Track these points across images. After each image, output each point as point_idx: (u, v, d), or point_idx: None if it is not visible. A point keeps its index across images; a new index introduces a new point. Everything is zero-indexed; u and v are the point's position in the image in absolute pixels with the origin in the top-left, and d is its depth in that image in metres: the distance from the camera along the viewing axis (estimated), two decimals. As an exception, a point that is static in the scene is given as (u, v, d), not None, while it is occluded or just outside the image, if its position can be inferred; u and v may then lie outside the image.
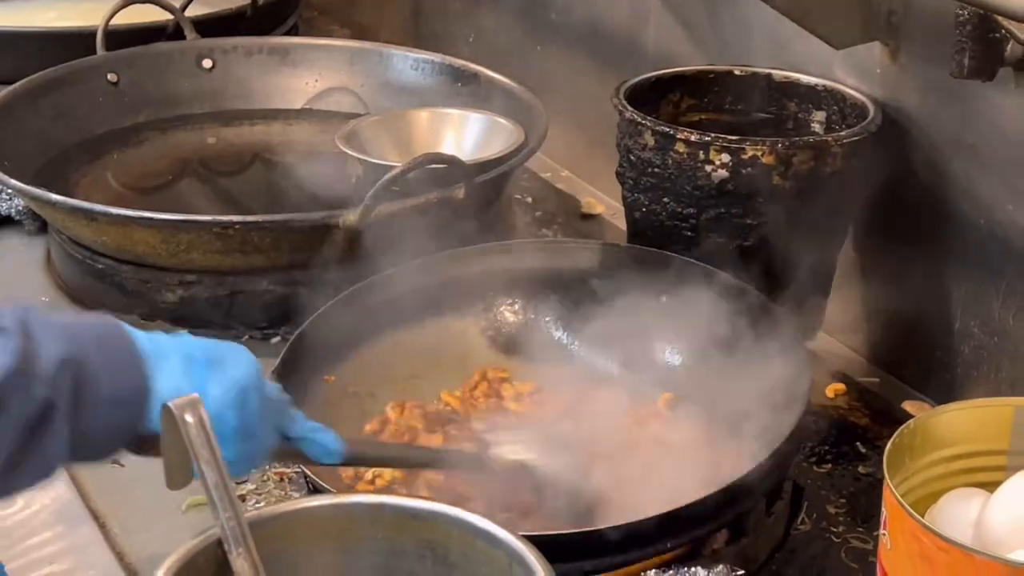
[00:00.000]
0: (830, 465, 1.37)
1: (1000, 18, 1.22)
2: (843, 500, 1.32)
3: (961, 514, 1.04)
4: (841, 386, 1.49)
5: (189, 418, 0.88)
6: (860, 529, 1.28)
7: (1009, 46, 1.29)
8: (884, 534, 1.00)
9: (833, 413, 1.45)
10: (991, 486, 1.05)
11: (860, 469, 1.36)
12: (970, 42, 1.29)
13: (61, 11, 2.34)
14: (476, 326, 1.44)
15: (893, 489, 0.98)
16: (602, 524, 1.16)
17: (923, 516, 1.03)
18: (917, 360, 1.51)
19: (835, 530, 1.29)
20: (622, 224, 1.62)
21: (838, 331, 1.58)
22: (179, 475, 0.91)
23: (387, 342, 1.40)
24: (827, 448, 1.39)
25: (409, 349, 1.41)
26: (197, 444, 0.88)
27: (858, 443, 1.40)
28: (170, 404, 0.88)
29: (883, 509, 1.01)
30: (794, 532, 1.27)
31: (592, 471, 1.25)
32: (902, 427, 1.04)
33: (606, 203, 1.90)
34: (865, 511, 1.29)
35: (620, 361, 1.41)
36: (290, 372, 1.27)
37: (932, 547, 0.93)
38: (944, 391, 1.45)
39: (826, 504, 1.32)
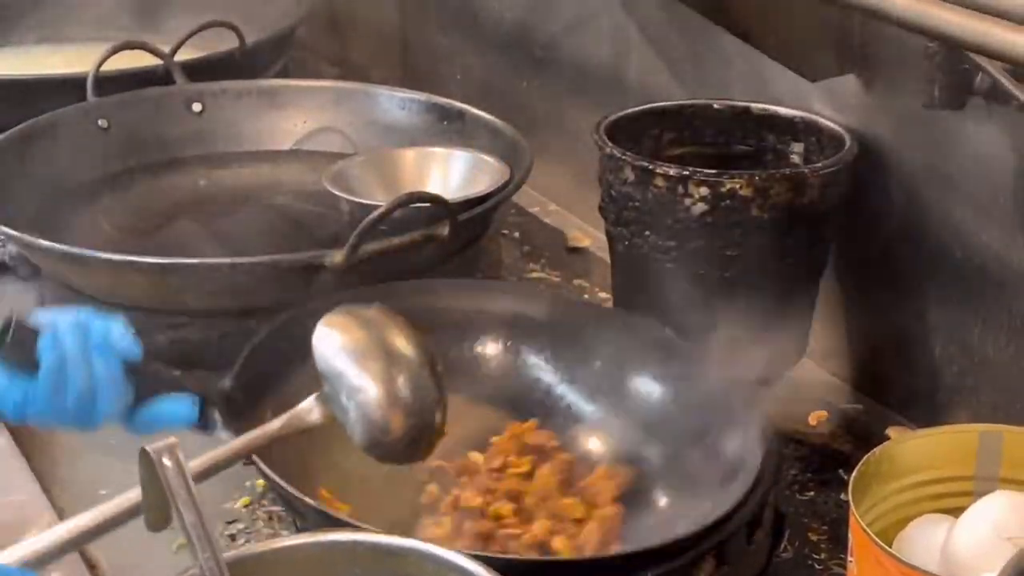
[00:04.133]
0: (813, 493, 1.39)
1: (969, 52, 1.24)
2: (825, 527, 1.34)
3: (928, 540, 1.06)
4: (824, 413, 1.50)
5: (167, 461, 0.90)
6: (842, 556, 1.28)
7: (978, 77, 1.31)
8: (851, 560, 1.01)
9: (816, 440, 1.46)
10: (958, 511, 1.06)
11: (843, 496, 1.36)
12: (940, 73, 1.32)
13: (65, 56, 2.36)
14: None
15: (858, 516, 1.00)
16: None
17: (892, 542, 1.05)
18: (900, 386, 1.53)
19: (817, 557, 1.30)
20: (608, 257, 1.64)
21: (821, 358, 1.59)
22: (158, 516, 0.93)
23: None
24: (809, 476, 1.41)
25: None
26: (175, 486, 0.90)
27: (840, 470, 1.41)
28: (148, 448, 0.90)
29: (849, 536, 1.02)
30: (776, 560, 1.28)
31: None
32: (867, 455, 1.06)
33: (593, 236, 1.92)
34: (848, 538, 1.30)
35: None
36: (245, 384, 1.29)
37: (895, 572, 0.95)
38: (928, 416, 1.47)
39: (808, 531, 1.33)
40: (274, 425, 1.13)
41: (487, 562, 0.95)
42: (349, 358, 1.12)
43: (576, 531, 1.25)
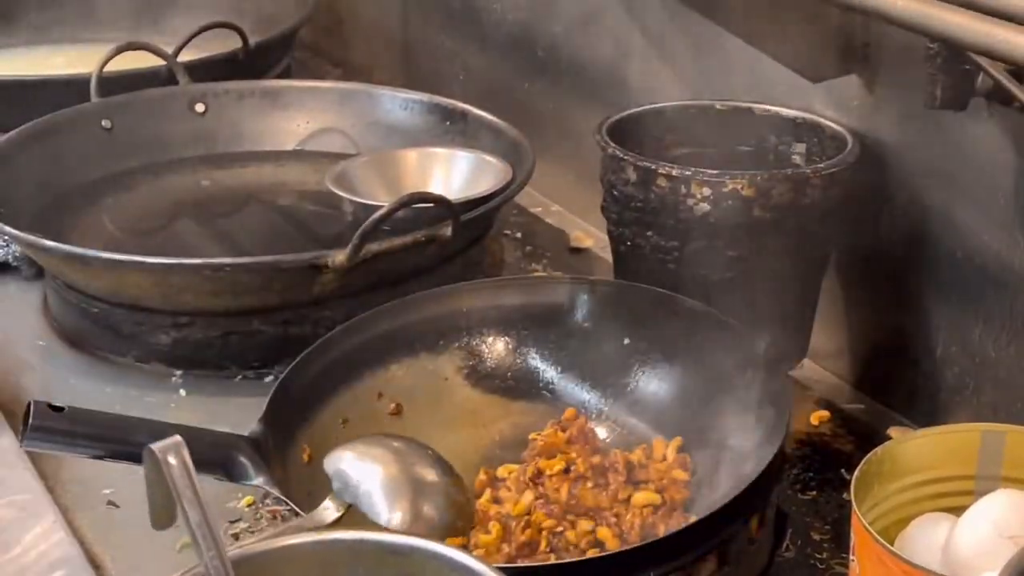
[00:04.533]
0: (815, 492, 1.39)
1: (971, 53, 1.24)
2: (827, 527, 1.34)
3: (930, 539, 1.06)
4: (825, 413, 1.50)
5: (172, 460, 0.90)
6: (844, 555, 1.28)
7: (980, 77, 1.31)
8: (853, 559, 1.02)
9: (817, 440, 1.47)
10: (960, 511, 1.06)
11: (845, 496, 1.36)
12: (941, 74, 1.32)
13: (68, 56, 2.37)
14: (452, 364, 1.46)
15: (860, 515, 1.00)
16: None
17: (894, 541, 1.05)
18: (902, 386, 1.53)
19: (819, 556, 1.30)
20: (610, 257, 1.64)
21: (823, 358, 1.60)
22: (163, 515, 0.93)
23: (366, 385, 1.41)
24: (811, 475, 1.41)
25: (387, 392, 1.42)
26: (180, 485, 0.90)
27: (842, 470, 1.41)
28: (153, 447, 0.90)
29: (852, 535, 1.03)
30: (778, 559, 1.28)
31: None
32: (869, 454, 1.06)
33: (596, 237, 1.92)
34: (850, 537, 1.30)
35: (605, 397, 1.43)
36: (274, 425, 1.29)
37: (897, 571, 0.95)
38: (929, 416, 1.47)
39: (810, 531, 1.33)
40: (292, 524, 1.18)
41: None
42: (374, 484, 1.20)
43: (617, 520, 1.26)
